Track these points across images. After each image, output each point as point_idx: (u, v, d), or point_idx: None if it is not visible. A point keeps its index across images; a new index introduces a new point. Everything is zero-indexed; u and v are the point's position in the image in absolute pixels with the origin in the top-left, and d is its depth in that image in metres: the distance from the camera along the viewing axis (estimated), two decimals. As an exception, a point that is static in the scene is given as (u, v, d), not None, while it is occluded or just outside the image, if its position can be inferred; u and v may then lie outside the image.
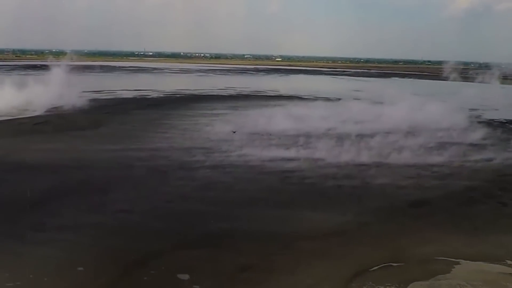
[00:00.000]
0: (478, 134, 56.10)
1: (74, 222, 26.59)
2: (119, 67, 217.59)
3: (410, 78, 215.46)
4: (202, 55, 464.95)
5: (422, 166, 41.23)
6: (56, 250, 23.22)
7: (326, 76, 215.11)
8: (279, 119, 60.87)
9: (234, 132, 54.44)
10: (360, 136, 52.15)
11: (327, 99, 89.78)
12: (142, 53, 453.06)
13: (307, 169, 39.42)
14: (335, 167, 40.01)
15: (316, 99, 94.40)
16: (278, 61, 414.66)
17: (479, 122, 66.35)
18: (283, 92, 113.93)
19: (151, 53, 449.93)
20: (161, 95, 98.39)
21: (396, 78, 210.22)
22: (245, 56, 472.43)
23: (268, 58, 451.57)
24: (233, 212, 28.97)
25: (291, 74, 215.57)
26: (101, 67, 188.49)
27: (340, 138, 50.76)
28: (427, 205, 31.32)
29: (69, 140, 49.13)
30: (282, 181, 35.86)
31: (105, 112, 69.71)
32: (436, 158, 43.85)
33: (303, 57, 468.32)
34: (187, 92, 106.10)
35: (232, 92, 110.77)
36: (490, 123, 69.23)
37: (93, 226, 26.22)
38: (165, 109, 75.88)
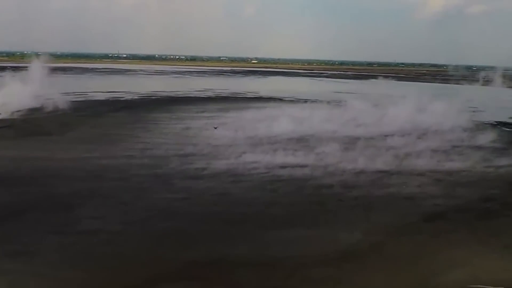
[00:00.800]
0: (487, 137, 52.70)
1: (30, 247, 21.96)
2: (92, 68, 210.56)
3: (390, 79, 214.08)
4: (177, 57, 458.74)
5: (432, 172, 37.48)
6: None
7: (304, 78, 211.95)
8: (261, 122, 56.95)
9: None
10: (361, 140, 48.39)
11: (309, 101, 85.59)
12: (116, 55, 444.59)
13: (305, 177, 35.27)
14: (336, 175, 35.98)
15: (297, 101, 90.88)
16: (254, 63, 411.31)
17: (484, 124, 63.59)
18: (263, 94, 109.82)
19: (125, 55, 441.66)
20: (136, 97, 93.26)
21: (374, 80, 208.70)
22: (221, 58, 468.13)
23: (244, 60, 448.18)
24: (223, 232, 24.65)
25: (268, 76, 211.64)
26: (73, 69, 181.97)
27: (341, 143, 46.96)
28: (443, 219, 27.47)
29: (32, 147, 44.06)
30: (275, 191, 31.68)
31: (75, 115, 64.55)
32: (451, 164, 40.13)
33: (279, 59, 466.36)
34: (163, 94, 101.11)
35: (210, 94, 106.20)
36: (494, 125, 66.33)
37: (54, 251, 21.65)
38: (140, 111, 70.98)
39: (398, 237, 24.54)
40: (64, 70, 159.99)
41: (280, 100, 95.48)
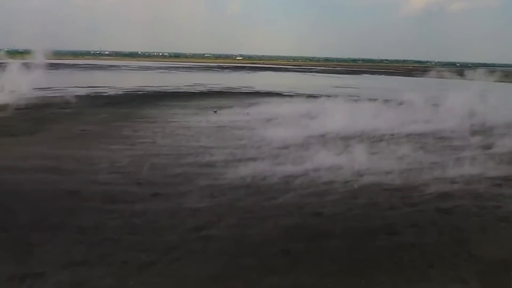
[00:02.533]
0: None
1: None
2: (72, 64, 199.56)
3: (381, 75, 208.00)
4: (161, 54, 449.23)
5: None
6: None
7: (294, 73, 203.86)
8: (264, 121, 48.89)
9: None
10: (432, 138, 40.55)
11: (311, 96, 77.22)
12: (98, 52, 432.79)
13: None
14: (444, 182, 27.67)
15: (297, 96, 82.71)
16: (239, 59, 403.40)
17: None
18: (258, 88, 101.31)
19: (107, 52, 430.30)
20: (120, 92, 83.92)
21: (367, 75, 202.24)
22: (205, 55, 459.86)
23: (228, 57, 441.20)
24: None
25: (258, 71, 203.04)
26: (53, 65, 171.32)
27: (416, 142, 39.04)
28: None
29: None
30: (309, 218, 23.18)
31: (49, 113, 55.30)
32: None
33: (263, 56, 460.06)
34: (150, 89, 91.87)
35: (202, 88, 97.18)
36: None
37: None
38: (125, 108, 61.84)
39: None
40: (42, 66, 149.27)
41: (279, 95, 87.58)
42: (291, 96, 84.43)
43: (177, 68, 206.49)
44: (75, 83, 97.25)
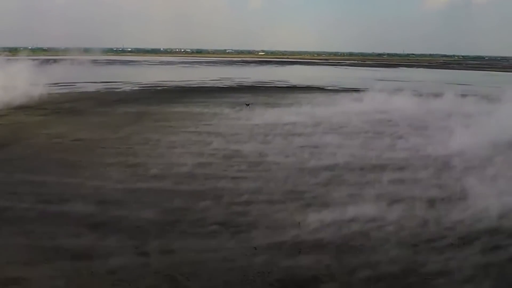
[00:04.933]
0: None
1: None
2: (92, 60, 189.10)
3: (418, 68, 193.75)
4: (183, 50, 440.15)
5: None
6: None
7: (325, 66, 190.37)
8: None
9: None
10: None
11: (359, 91, 63.94)
12: (120, 49, 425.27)
13: None
14: None
15: (343, 90, 69.82)
16: (261, 55, 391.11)
17: None
18: (294, 82, 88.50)
19: (129, 49, 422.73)
20: (136, 88, 72.09)
21: (404, 68, 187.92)
22: (227, 51, 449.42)
23: (250, 52, 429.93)
24: None
25: (286, 65, 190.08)
26: (71, 60, 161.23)
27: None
28: None
29: None
30: None
31: (41, 114, 43.41)
32: None
33: (286, 51, 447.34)
34: (171, 84, 79.88)
35: (230, 83, 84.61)
36: None
37: None
38: (138, 106, 49.80)
39: None
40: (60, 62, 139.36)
41: (321, 89, 74.66)
42: (336, 90, 71.49)
43: (200, 62, 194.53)
44: (87, 78, 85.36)
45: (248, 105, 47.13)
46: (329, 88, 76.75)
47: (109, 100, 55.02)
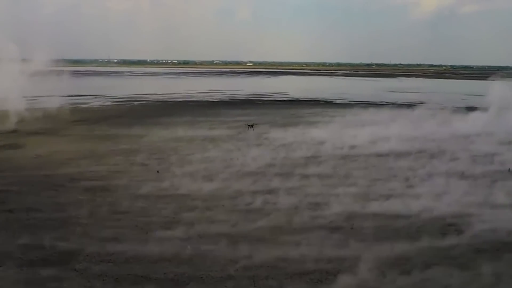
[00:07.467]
0: None
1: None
2: (71, 71, 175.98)
3: (417, 78, 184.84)
4: (169, 61, 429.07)
5: None
6: None
7: (318, 77, 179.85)
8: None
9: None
10: None
11: (374, 105, 52.58)
12: (106, 60, 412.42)
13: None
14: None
15: (356, 104, 58.47)
16: (249, 65, 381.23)
17: None
18: (294, 95, 76.83)
19: (115, 60, 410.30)
20: (107, 103, 59.81)
21: (403, 78, 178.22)
22: (215, 61, 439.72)
23: (238, 63, 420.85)
24: None
25: (279, 75, 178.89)
26: (46, 72, 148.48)
27: None
28: None
29: None
30: None
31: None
32: None
33: (274, 62, 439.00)
34: (151, 98, 67.81)
35: (221, 96, 72.64)
36: None
37: None
38: (100, 128, 37.65)
39: None
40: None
41: (329, 103, 63.11)
42: (348, 104, 59.99)
43: (186, 73, 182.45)
44: (51, 92, 72.95)
45: (252, 126, 38.23)
46: (339, 101, 65.22)
47: (66, 120, 42.71)
